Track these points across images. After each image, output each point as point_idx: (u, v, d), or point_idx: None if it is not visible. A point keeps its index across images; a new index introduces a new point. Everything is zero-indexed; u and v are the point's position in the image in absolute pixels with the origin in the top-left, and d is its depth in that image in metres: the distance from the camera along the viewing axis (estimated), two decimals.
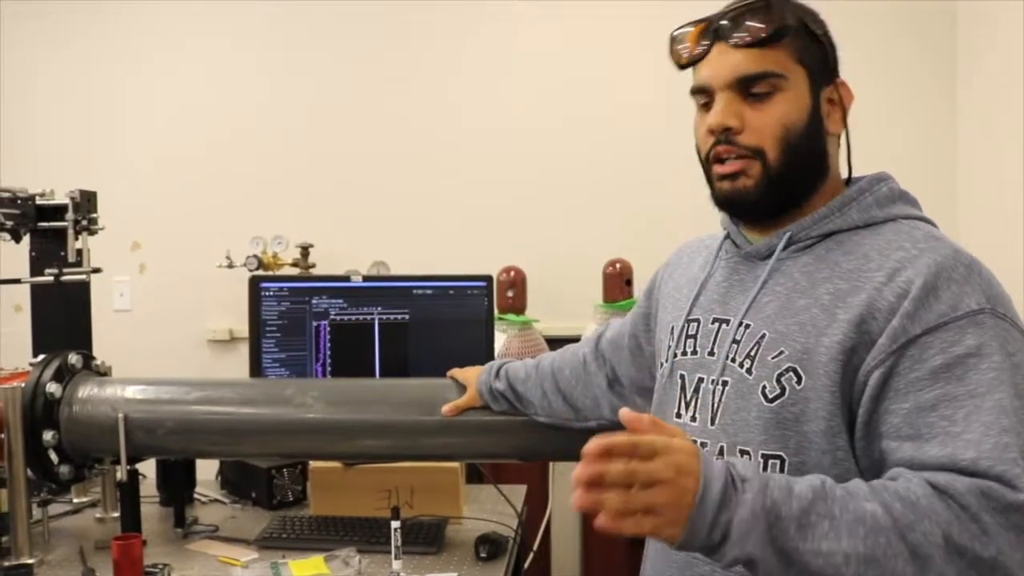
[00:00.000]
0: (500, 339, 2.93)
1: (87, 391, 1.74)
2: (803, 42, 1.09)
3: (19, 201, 2.10)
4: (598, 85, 3.33)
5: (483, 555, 1.76)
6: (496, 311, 2.91)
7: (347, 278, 2.04)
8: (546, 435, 1.60)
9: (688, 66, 1.14)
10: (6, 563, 1.70)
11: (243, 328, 1.99)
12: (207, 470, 2.27)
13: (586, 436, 1.53)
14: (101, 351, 1.97)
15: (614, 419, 1.49)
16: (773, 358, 1.05)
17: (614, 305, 3.07)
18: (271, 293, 1.96)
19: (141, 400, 1.72)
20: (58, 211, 2.12)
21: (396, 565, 1.63)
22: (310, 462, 2.09)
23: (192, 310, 3.48)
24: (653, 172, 3.28)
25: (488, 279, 2.02)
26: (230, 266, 3.21)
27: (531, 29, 3.39)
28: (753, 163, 1.08)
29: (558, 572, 3.21)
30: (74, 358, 1.78)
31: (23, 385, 1.71)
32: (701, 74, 1.12)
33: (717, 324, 1.14)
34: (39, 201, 2.13)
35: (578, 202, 3.35)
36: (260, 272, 3.08)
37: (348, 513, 1.95)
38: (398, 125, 3.43)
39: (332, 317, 1.97)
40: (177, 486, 2.03)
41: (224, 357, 3.49)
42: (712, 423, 1.10)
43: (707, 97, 1.11)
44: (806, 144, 1.09)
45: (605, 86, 3.32)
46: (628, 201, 3.32)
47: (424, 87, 3.42)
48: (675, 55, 1.15)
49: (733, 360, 1.09)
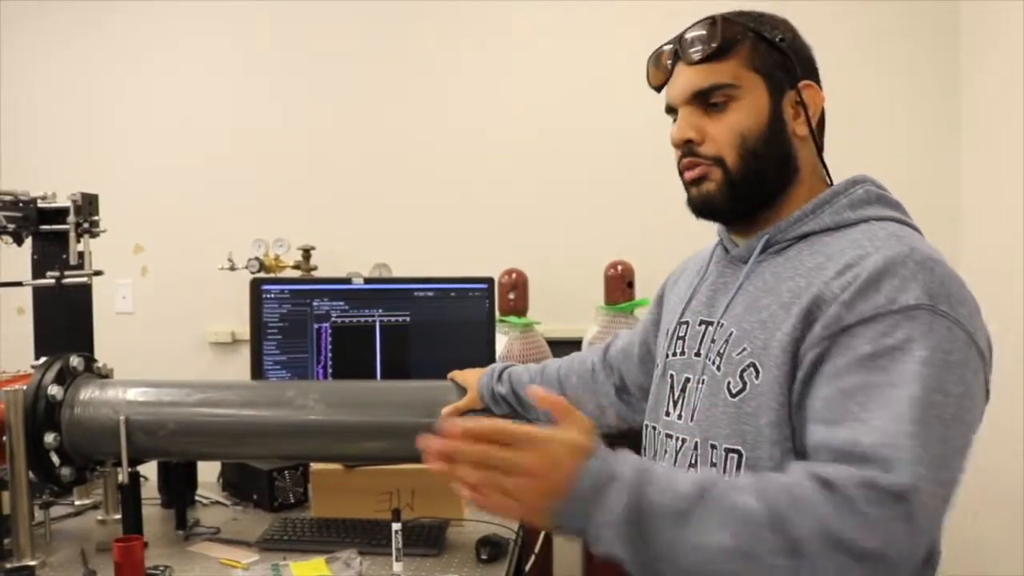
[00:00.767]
0: (501, 341, 2.93)
1: (89, 393, 1.74)
2: (758, 51, 1.13)
3: (21, 204, 2.11)
4: (599, 87, 3.33)
5: (484, 557, 1.76)
6: (497, 313, 2.92)
7: (348, 280, 2.04)
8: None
9: (660, 88, 1.22)
10: (8, 565, 1.70)
11: (245, 330, 2.00)
12: (208, 472, 2.27)
13: None
14: (103, 353, 1.98)
15: (619, 426, 1.51)
16: (737, 355, 1.08)
17: (616, 307, 3.07)
18: (272, 295, 1.96)
19: (142, 402, 1.72)
20: (60, 214, 2.12)
21: (397, 567, 1.63)
22: (311, 464, 2.09)
23: (194, 312, 3.48)
24: (654, 174, 3.26)
25: (489, 281, 2.02)
26: (232, 268, 3.22)
27: (532, 33, 3.39)
28: (713, 169, 1.13)
29: (559, 574, 3.20)
30: (76, 360, 1.79)
31: (25, 388, 1.71)
32: (667, 94, 1.20)
33: (703, 326, 1.18)
34: (41, 204, 2.13)
35: (580, 204, 3.35)
36: (262, 274, 3.08)
37: (349, 515, 1.95)
38: (400, 128, 3.43)
39: (333, 319, 1.97)
40: (178, 488, 2.02)
41: (226, 359, 3.49)
42: (691, 420, 1.14)
43: (674, 114, 1.18)
44: (766, 148, 1.12)
45: (606, 88, 3.32)
46: (630, 203, 3.32)
47: (426, 90, 3.42)
48: (649, 81, 1.23)
49: (708, 358, 1.13)
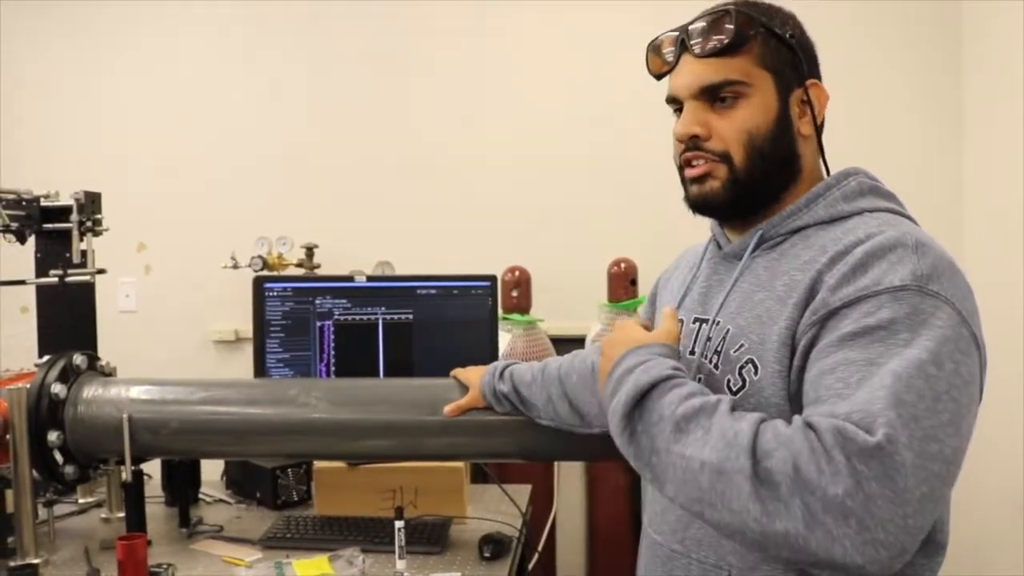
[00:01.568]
0: (504, 339, 2.93)
1: (92, 392, 1.74)
2: (768, 47, 1.12)
3: (24, 203, 2.11)
4: (602, 85, 3.33)
5: (487, 555, 1.77)
6: (500, 311, 2.92)
7: (351, 278, 2.04)
8: (550, 435, 1.59)
9: (661, 77, 1.19)
10: (12, 563, 1.70)
11: (248, 329, 2.00)
12: (212, 470, 2.28)
13: (591, 437, 1.55)
14: (107, 352, 1.98)
15: None
16: (735, 352, 1.08)
17: (619, 305, 3.07)
18: (275, 293, 1.96)
19: (145, 400, 1.72)
20: (63, 212, 2.12)
21: (400, 565, 1.63)
22: (314, 462, 2.09)
23: (197, 311, 3.49)
24: (657, 171, 3.23)
25: (492, 279, 2.02)
26: (235, 267, 3.22)
27: (535, 30, 3.39)
28: (720, 166, 1.12)
29: (563, 572, 3.20)
30: (79, 359, 1.78)
31: (28, 386, 1.71)
32: (671, 84, 1.17)
33: (698, 324, 1.18)
34: (44, 203, 2.13)
35: (582, 202, 3.35)
36: (264, 272, 3.08)
37: (352, 513, 1.95)
38: (403, 126, 3.43)
39: (336, 317, 1.97)
40: (182, 486, 2.03)
41: (229, 358, 3.50)
42: None
43: (678, 105, 1.16)
44: (773, 147, 1.11)
45: (609, 86, 3.31)
46: (633, 201, 3.31)
47: (429, 88, 3.42)
48: (650, 68, 1.20)
49: (705, 356, 1.13)
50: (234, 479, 2.25)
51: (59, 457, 1.72)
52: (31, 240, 2.16)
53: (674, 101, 1.16)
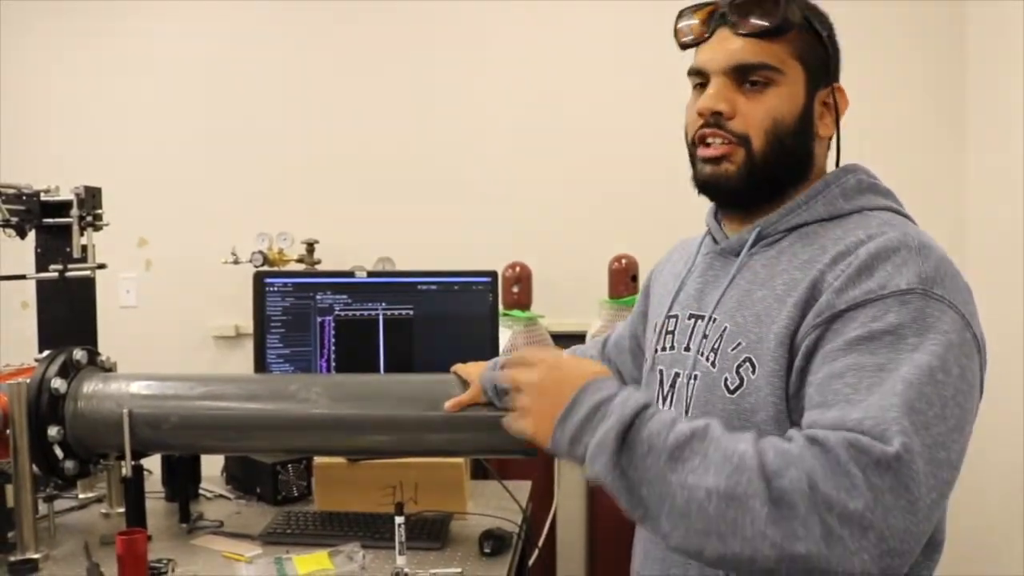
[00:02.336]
0: (505, 335, 2.93)
1: (92, 387, 1.73)
2: (806, 40, 1.10)
3: (24, 197, 2.11)
4: (602, 81, 3.32)
5: (487, 551, 1.76)
6: (501, 307, 2.91)
7: (351, 274, 2.03)
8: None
9: (689, 47, 1.16)
10: (12, 558, 1.70)
11: (249, 324, 1.99)
12: (212, 466, 2.27)
13: None
14: (107, 348, 1.97)
15: None
16: (732, 350, 1.06)
17: (620, 301, 3.06)
18: (275, 289, 1.96)
19: (146, 396, 1.71)
20: (63, 207, 2.12)
21: (400, 560, 1.63)
22: (314, 457, 2.09)
23: (198, 306, 3.48)
24: (658, 168, 3.25)
25: (493, 275, 2.02)
26: (236, 262, 3.22)
27: (537, 26, 3.38)
28: (738, 149, 1.09)
29: (563, 568, 3.20)
30: (79, 354, 1.78)
31: (28, 381, 1.71)
32: (699, 56, 1.13)
33: (693, 320, 1.16)
34: (44, 197, 2.13)
35: (583, 198, 3.34)
36: (265, 268, 3.08)
37: (352, 508, 1.95)
38: (404, 122, 3.42)
39: (337, 313, 1.97)
40: (182, 481, 2.03)
41: (230, 353, 3.49)
42: (685, 416, 1.11)
43: (702, 79, 1.12)
44: (792, 141, 1.10)
45: (609, 82, 3.31)
46: (634, 197, 3.30)
47: (429, 84, 3.41)
48: (678, 36, 1.16)
49: (701, 354, 1.11)
50: (234, 475, 2.25)
51: (59, 452, 1.72)
52: (31, 235, 2.16)
53: (699, 74, 1.13)
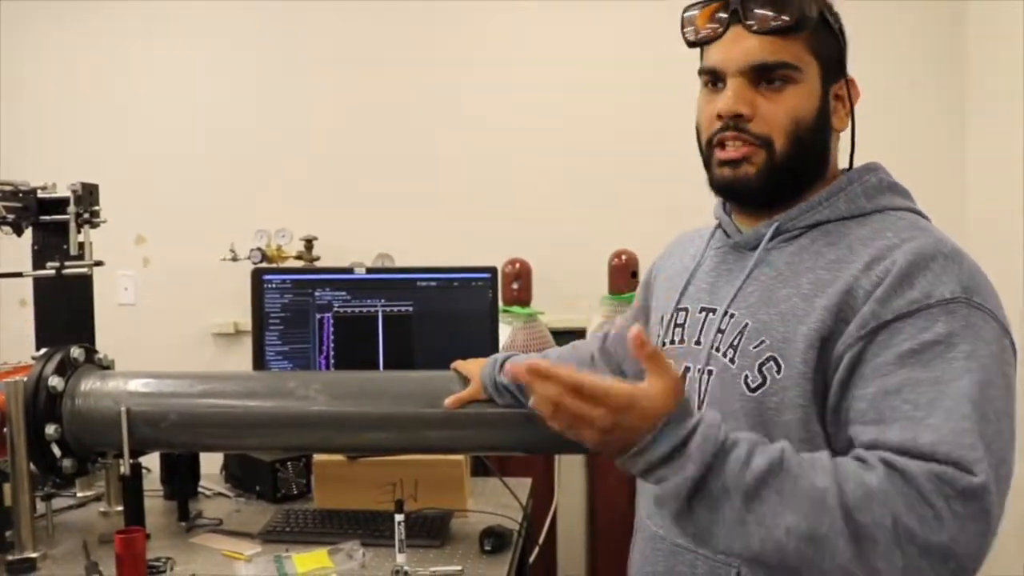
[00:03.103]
0: (505, 331, 2.92)
1: (89, 385, 1.73)
2: (820, 34, 1.08)
3: (21, 194, 2.10)
4: (602, 77, 3.30)
5: (488, 548, 1.76)
6: (501, 303, 2.91)
7: (350, 270, 2.02)
8: (551, 428, 1.58)
9: (698, 45, 1.13)
10: (10, 557, 1.70)
11: (248, 321, 1.99)
12: (211, 464, 2.26)
13: None
14: (106, 346, 1.96)
15: None
16: (755, 348, 1.05)
17: (620, 297, 3.05)
18: (274, 286, 1.95)
19: (144, 393, 1.71)
20: (60, 204, 2.11)
21: (400, 558, 1.62)
22: (314, 455, 2.08)
23: (196, 304, 3.47)
24: (658, 164, 3.26)
25: (492, 271, 2.01)
26: (234, 259, 3.20)
27: (535, 23, 3.36)
28: (759, 151, 1.07)
29: (564, 566, 3.20)
30: (76, 352, 1.77)
31: (25, 379, 1.70)
32: (713, 56, 1.10)
33: (704, 313, 1.15)
34: (41, 194, 2.12)
35: (583, 194, 3.33)
36: (263, 265, 3.07)
37: (352, 506, 1.94)
38: (403, 118, 3.41)
39: (335, 309, 1.96)
40: (181, 480, 2.02)
41: (229, 351, 3.48)
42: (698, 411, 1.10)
43: (716, 78, 1.10)
44: (811, 138, 1.08)
45: (609, 78, 3.29)
46: (633, 192, 3.29)
47: (428, 79, 3.40)
48: (685, 33, 1.13)
49: (717, 349, 1.09)
50: (233, 473, 2.24)
51: (57, 450, 1.71)
52: (28, 232, 2.15)
53: (712, 73, 1.10)
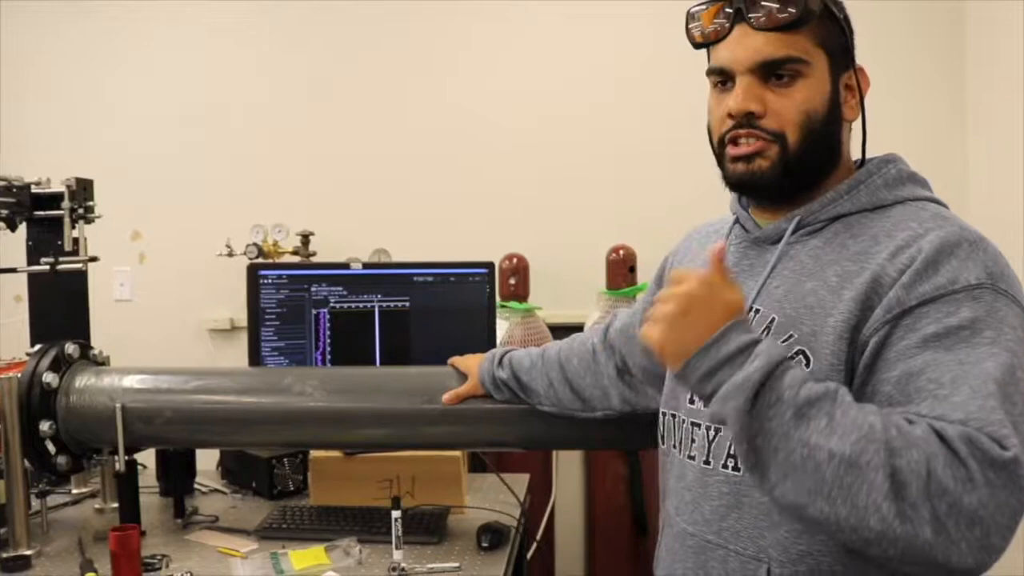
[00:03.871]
0: (502, 327, 2.91)
1: (84, 381, 1.72)
2: (825, 26, 1.08)
3: (15, 189, 2.08)
4: (600, 73, 3.30)
5: (485, 545, 1.75)
6: (498, 299, 2.90)
7: (346, 265, 2.01)
8: (549, 424, 1.58)
9: (704, 46, 1.13)
10: (4, 554, 1.69)
11: (244, 317, 1.97)
12: (207, 460, 2.26)
13: (590, 426, 1.53)
14: (102, 341, 1.95)
15: (623, 409, 1.48)
16: (782, 342, 1.04)
17: (618, 292, 3.04)
18: (270, 281, 1.94)
19: (139, 390, 1.70)
20: (54, 199, 2.09)
21: (397, 555, 1.61)
22: (310, 451, 2.07)
23: (193, 299, 3.46)
24: (656, 159, 3.26)
25: (490, 266, 2.00)
26: (230, 255, 3.19)
27: (532, 19, 3.35)
28: (772, 146, 1.07)
29: (562, 562, 3.19)
30: (71, 347, 1.76)
31: (19, 375, 1.69)
32: (720, 55, 1.10)
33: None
34: (35, 190, 2.10)
35: (581, 189, 3.32)
36: (260, 260, 3.06)
37: (349, 503, 1.93)
38: (399, 113, 3.40)
39: (332, 305, 1.95)
40: (177, 476, 2.01)
41: (225, 347, 3.47)
42: None
43: (725, 78, 1.10)
44: (823, 130, 1.08)
45: (607, 74, 3.29)
46: (631, 188, 3.29)
47: (425, 74, 3.39)
48: (691, 34, 1.13)
49: None
50: (229, 469, 2.23)
51: (51, 447, 1.70)
52: (22, 228, 2.13)
53: (721, 73, 1.10)
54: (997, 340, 0.91)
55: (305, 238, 3.24)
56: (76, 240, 2.09)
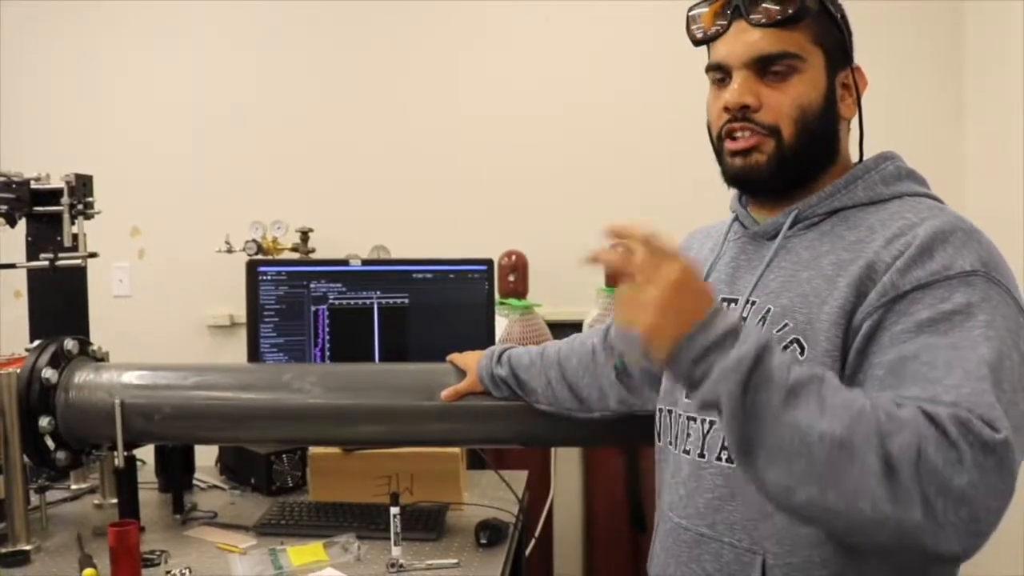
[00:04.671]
0: (501, 324, 2.91)
1: (83, 377, 1.72)
2: (822, 24, 1.10)
3: (14, 185, 2.08)
4: (599, 70, 3.30)
5: (484, 541, 1.75)
6: (497, 296, 2.90)
7: (346, 262, 2.01)
8: (548, 421, 1.58)
9: (704, 43, 1.15)
10: (3, 549, 1.69)
11: (243, 314, 1.97)
12: (206, 456, 2.26)
13: (589, 423, 1.53)
14: (101, 337, 1.96)
15: (619, 410, 1.48)
16: (778, 331, 1.05)
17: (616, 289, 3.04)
18: (269, 277, 1.94)
19: (138, 386, 1.70)
20: (53, 195, 2.09)
21: (396, 551, 1.62)
22: (309, 448, 2.08)
23: (192, 296, 3.46)
24: (655, 157, 3.26)
25: (489, 263, 2.00)
26: (229, 251, 3.19)
27: (532, 16, 3.35)
28: (768, 140, 1.09)
29: (560, 559, 3.20)
30: (70, 343, 1.76)
31: (19, 371, 1.69)
32: (718, 51, 1.13)
33: (725, 304, 1.15)
34: (34, 185, 2.10)
35: (580, 186, 3.32)
36: (259, 257, 3.06)
37: (347, 499, 1.94)
38: (399, 110, 3.40)
39: (331, 301, 1.95)
40: (176, 472, 2.01)
41: (224, 343, 3.48)
42: None
43: (723, 74, 1.12)
44: (819, 126, 1.10)
45: (606, 72, 3.29)
46: (631, 185, 3.29)
47: (425, 72, 3.39)
48: (692, 32, 1.16)
49: None
50: (228, 465, 2.23)
51: (50, 443, 1.70)
52: (22, 224, 2.13)
53: (719, 69, 1.13)
54: (990, 325, 0.92)
55: (304, 235, 3.24)
56: (75, 236, 2.10)
